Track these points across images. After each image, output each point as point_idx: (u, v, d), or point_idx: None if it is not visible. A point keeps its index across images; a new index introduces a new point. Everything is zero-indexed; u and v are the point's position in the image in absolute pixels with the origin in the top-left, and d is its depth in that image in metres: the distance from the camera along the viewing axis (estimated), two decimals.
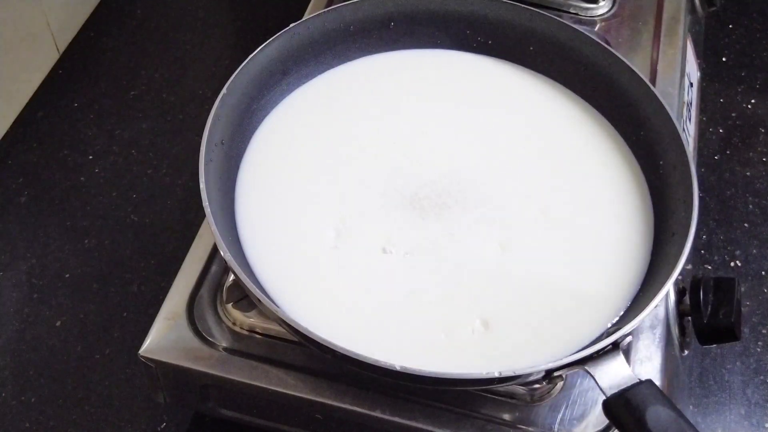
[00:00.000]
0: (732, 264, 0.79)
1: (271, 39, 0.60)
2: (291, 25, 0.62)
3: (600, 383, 0.47)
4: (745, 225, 0.82)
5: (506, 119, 0.65)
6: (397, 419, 0.54)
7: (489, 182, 0.61)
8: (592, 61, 0.64)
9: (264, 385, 0.55)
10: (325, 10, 0.63)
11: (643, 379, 0.47)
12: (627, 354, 0.57)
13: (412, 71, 0.67)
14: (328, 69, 0.66)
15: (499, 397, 0.55)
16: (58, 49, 0.91)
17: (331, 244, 0.57)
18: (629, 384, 0.46)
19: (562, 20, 0.64)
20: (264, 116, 0.63)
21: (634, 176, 0.62)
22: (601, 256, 0.57)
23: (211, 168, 0.54)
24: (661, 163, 0.59)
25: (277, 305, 0.51)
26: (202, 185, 0.52)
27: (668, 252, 0.54)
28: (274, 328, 0.57)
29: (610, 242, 0.58)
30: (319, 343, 0.47)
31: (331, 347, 0.46)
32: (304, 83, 0.65)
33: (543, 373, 0.48)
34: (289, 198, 0.59)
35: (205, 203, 0.51)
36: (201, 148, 0.53)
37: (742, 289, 0.76)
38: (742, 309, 0.59)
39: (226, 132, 0.57)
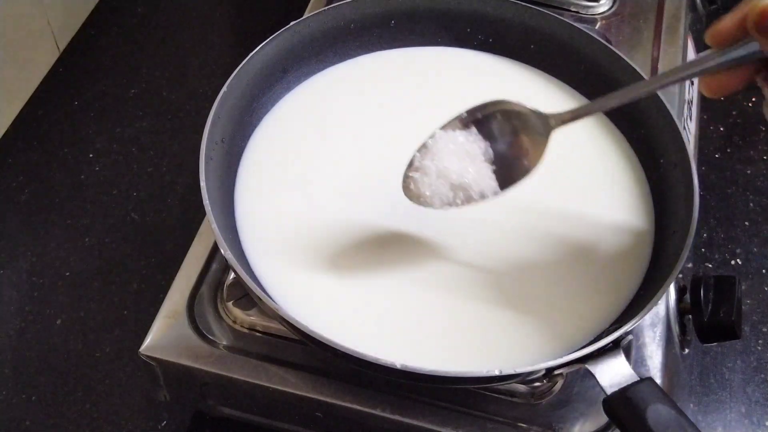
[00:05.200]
0: (732, 262, 0.79)
1: (271, 37, 0.60)
2: (291, 23, 0.62)
3: (600, 381, 0.47)
4: (746, 223, 0.82)
5: None
6: (397, 417, 0.54)
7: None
8: (592, 59, 0.64)
9: (264, 384, 0.55)
10: (326, 8, 0.63)
11: (644, 377, 0.47)
12: (627, 352, 0.57)
13: (413, 69, 0.67)
14: (329, 67, 0.66)
15: (500, 396, 0.55)
16: (58, 48, 0.91)
17: (331, 241, 0.57)
18: (630, 382, 0.47)
19: (562, 18, 0.64)
20: (264, 114, 0.63)
21: (635, 174, 0.62)
22: (601, 253, 0.57)
23: (212, 166, 0.54)
24: (661, 161, 0.59)
25: (277, 303, 0.51)
26: (202, 183, 0.52)
27: (669, 250, 0.54)
28: (275, 326, 0.57)
29: (611, 240, 0.58)
30: (319, 341, 0.47)
31: (332, 345, 0.46)
32: (304, 81, 0.65)
33: (543, 372, 0.48)
34: (289, 195, 0.59)
35: (206, 201, 0.51)
36: (201, 147, 0.53)
37: (743, 287, 0.76)
38: (743, 307, 0.59)
39: (226, 130, 0.57)
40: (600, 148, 0.63)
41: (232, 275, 0.59)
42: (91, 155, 0.84)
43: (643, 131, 0.61)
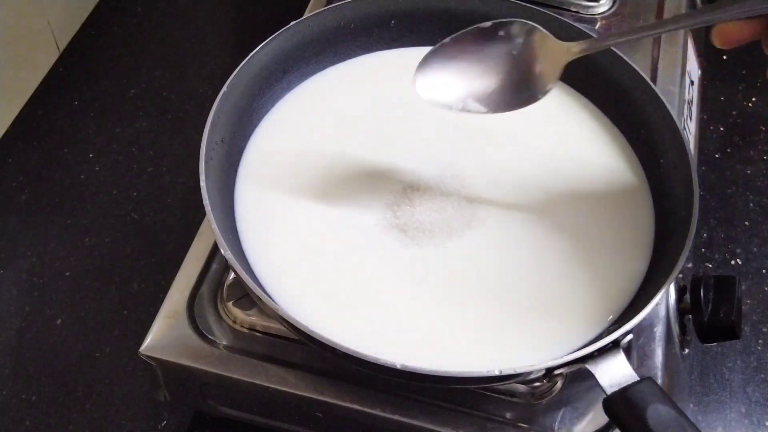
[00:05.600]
0: (732, 262, 0.79)
1: (271, 37, 0.60)
2: (291, 23, 0.62)
3: (600, 381, 0.47)
4: (746, 223, 0.82)
5: (506, 116, 0.65)
6: (397, 417, 0.54)
7: (489, 179, 0.61)
8: (592, 59, 0.63)
9: (264, 384, 0.55)
10: (326, 8, 0.63)
11: (644, 377, 0.47)
12: (628, 352, 0.57)
13: (413, 69, 0.67)
14: (329, 67, 0.66)
15: (500, 396, 0.55)
16: (58, 48, 0.91)
17: (331, 241, 0.57)
18: (630, 382, 0.46)
19: (562, 18, 0.64)
20: (264, 114, 0.63)
21: (635, 173, 0.62)
22: (601, 253, 0.57)
23: (212, 166, 0.54)
24: (661, 161, 0.59)
25: (277, 303, 0.51)
26: (202, 183, 0.52)
27: (669, 250, 0.54)
28: (275, 326, 0.57)
29: (611, 240, 0.58)
30: (319, 341, 0.47)
31: (332, 345, 0.46)
32: (304, 81, 0.65)
33: (543, 371, 0.48)
34: (289, 196, 0.59)
35: (206, 201, 0.51)
36: (201, 147, 0.53)
37: (743, 287, 0.76)
38: (743, 307, 0.59)
39: (226, 130, 0.57)
40: (600, 148, 0.63)
41: (232, 275, 0.59)
42: (91, 155, 0.84)
43: (643, 131, 0.61)
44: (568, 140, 0.64)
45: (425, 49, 0.68)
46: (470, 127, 0.64)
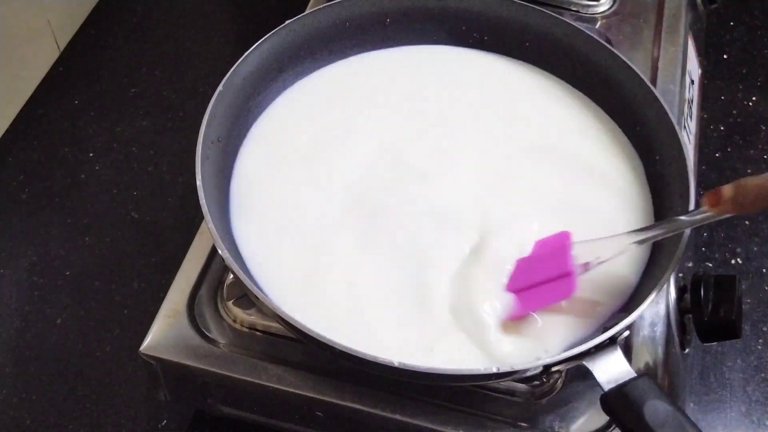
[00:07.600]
0: (733, 261, 0.79)
1: (266, 36, 0.61)
2: (286, 22, 0.62)
3: (598, 378, 0.47)
4: (746, 223, 0.82)
5: (504, 113, 0.65)
6: (397, 416, 0.54)
7: (489, 174, 0.61)
8: (587, 56, 0.64)
9: (264, 383, 0.55)
10: (321, 7, 0.63)
11: (641, 373, 0.47)
12: (628, 351, 0.57)
13: (408, 67, 0.67)
14: (324, 66, 0.66)
15: (500, 395, 0.55)
16: (58, 47, 0.91)
17: (328, 241, 0.57)
18: (627, 378, 0.47)
19: (557, 16, 0.64)
20: (260, 113, 0.63)
21: (634, 170, 0.62)
22: None
23: (208, 165, 0.54)
24: (657, 157, 0.59)
25: (274, 302, 0.51)
26: (198, 183, 0.52)
27: (666, 247, 0.54)
28: (274, 325, 0.57)
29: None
30: (318, 340, 0.47)
31: (330, 344, 0.46)
32: (300, 80, 0.65)
33: (541, 369, 0.48)
34: (285, 194, 0.59)
35: (202, 201, 0.51)
36: (197, 146, 0.53)
37: (743, 286, 0.76)
38: (743, 306, 0.59)
39: (222, 129, 0.57)
40: (599, 144, 0.63)
41: (232, 274, 0.59)
42: (91, 154, 0.84)
43: (638, 128, 0.61)
44: (566, 135, 0.64)
45: (420, 48, 0.68)
46: (469, 121, 0.64)
